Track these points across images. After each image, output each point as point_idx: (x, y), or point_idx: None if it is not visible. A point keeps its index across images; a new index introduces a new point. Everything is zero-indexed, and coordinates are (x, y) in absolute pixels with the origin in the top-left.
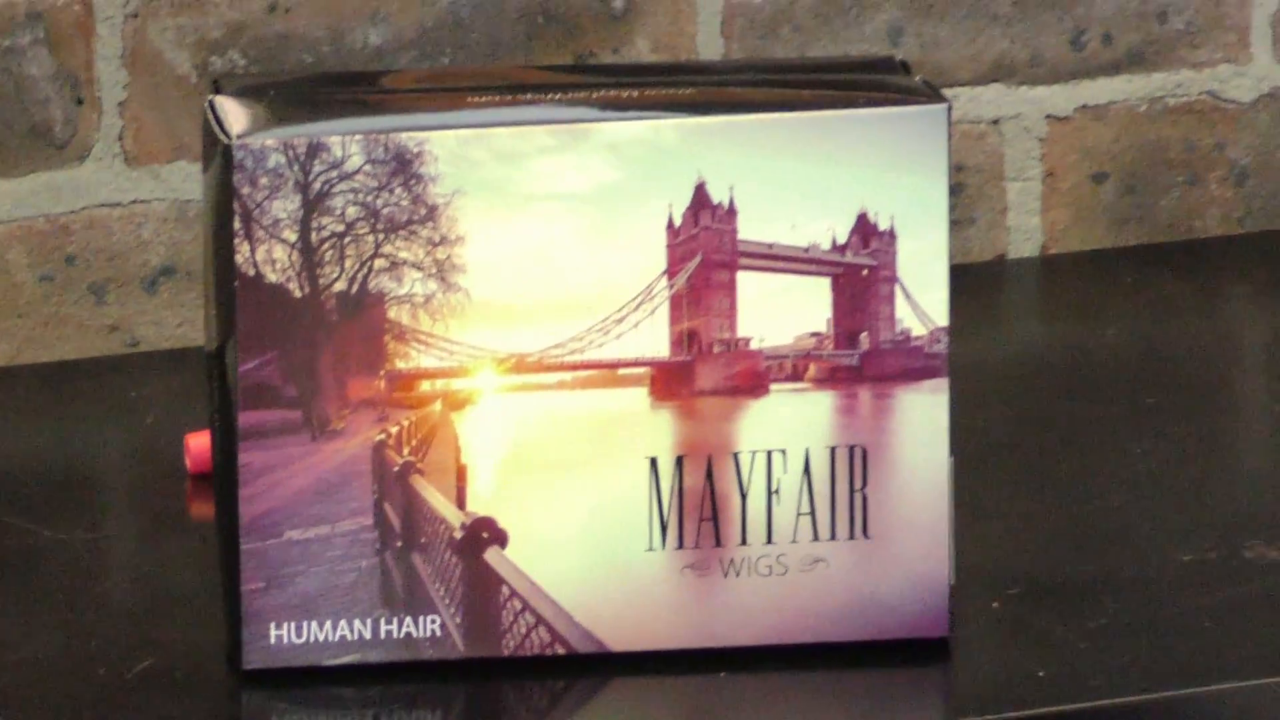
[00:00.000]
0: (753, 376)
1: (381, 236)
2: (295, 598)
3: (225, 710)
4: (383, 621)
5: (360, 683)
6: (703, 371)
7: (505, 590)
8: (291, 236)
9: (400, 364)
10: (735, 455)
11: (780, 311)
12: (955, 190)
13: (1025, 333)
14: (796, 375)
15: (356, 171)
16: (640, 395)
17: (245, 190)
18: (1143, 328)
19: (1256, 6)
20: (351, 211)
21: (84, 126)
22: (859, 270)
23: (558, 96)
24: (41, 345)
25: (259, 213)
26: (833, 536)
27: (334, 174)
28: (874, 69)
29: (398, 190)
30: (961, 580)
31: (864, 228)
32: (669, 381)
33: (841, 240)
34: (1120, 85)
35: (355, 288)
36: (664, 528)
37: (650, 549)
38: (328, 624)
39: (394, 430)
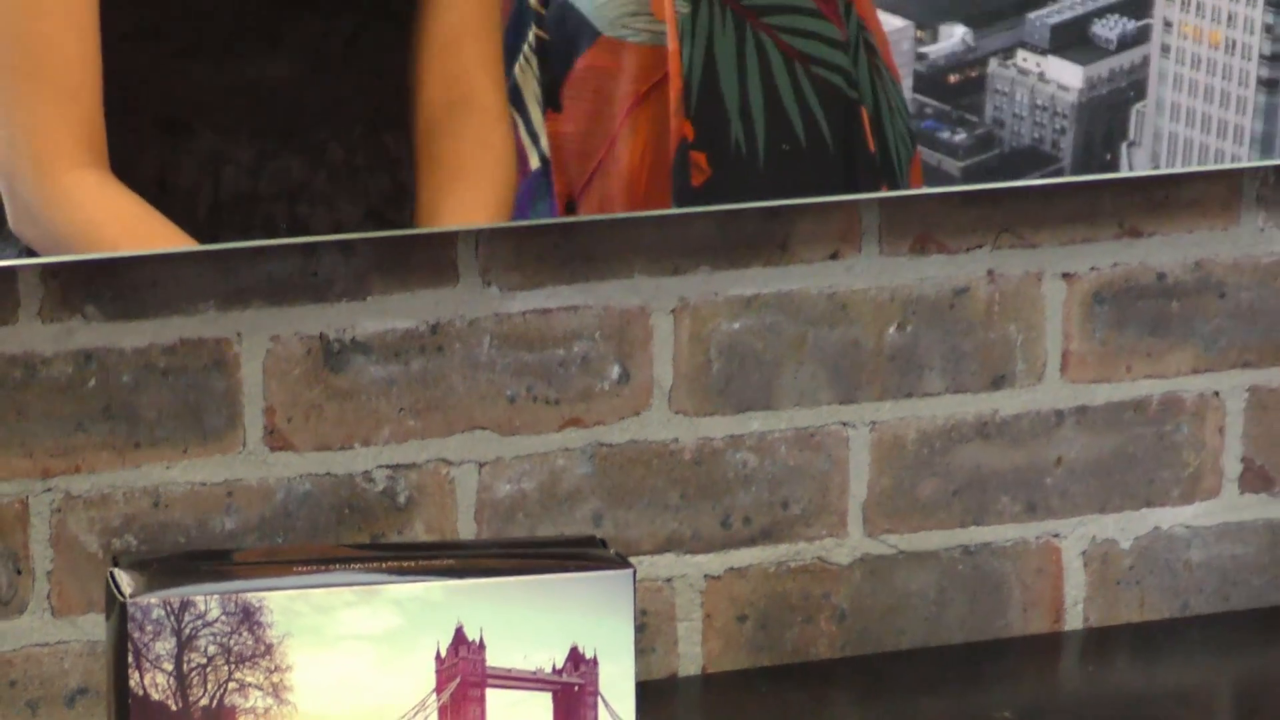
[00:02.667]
0: None
1: (233, 666)
2: None
3: None
4: None
5: None
6: None
7: None
8: (169, 667)
9: None
10: None
11: (517, 718)
12: (640, 628)
13: None
14: None
15: (215, 620)
16: None
17: (136, 635)
18: None
19: (851, 496)
20: (212, 649)
21: (22, 589)
22: (572, 688)
23: (358, 566)
24: None
25: (146, 650)
26: None
27: (199, 622)
28: (581, 544)
29: (244, 633)
30: None
31: (575, 657)
32: None
33: (559, 666)
34: (756, 553)
35: (215, 703)
36: None
37: None
38: None
39: None
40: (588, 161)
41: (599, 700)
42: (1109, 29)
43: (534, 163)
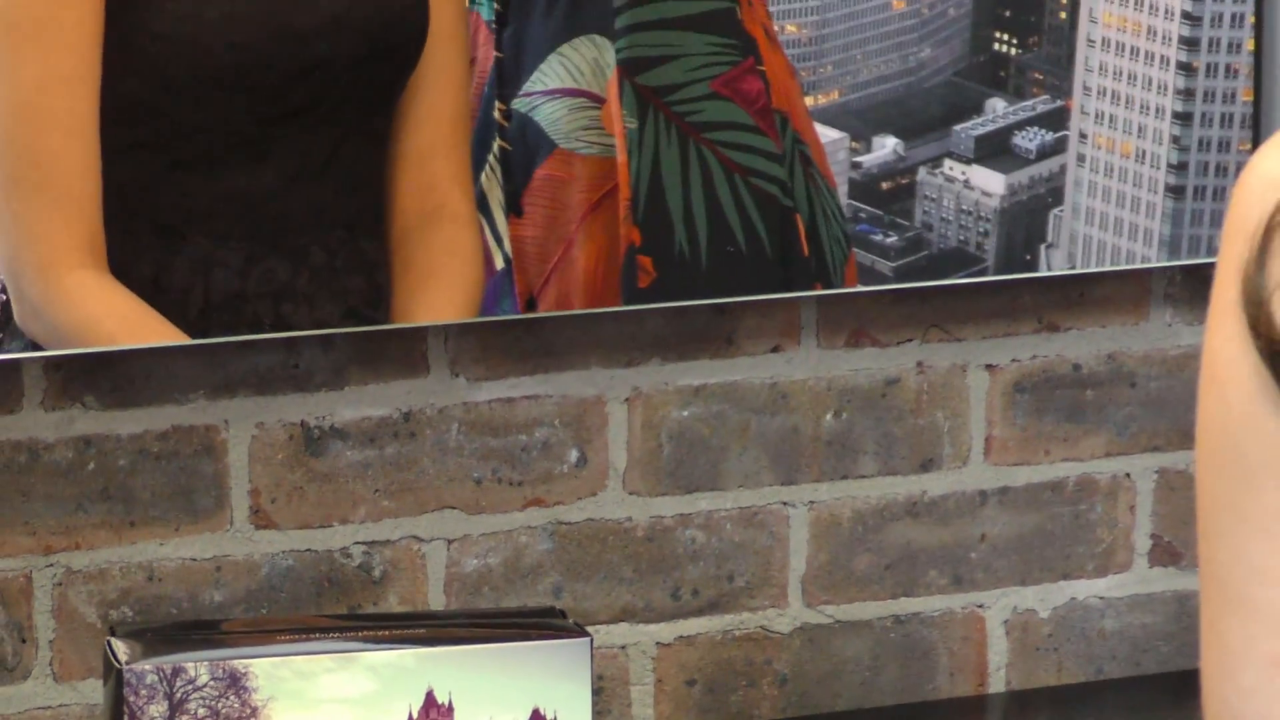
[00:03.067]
0: None
1: None
2: None
3: None
4: None
5: None
6: None
7: None
8: None
9: None
10: None
11: None
12: (597, 692)
13: None
14: None
15: (205, 685)
16: None
17: (131, 699)
18: None
19: (791, 570)
20: (201, 712)
21: (26, 656)
22: None
23: (336, 635)
24: None
25: (140, 713)
26: None
27: (190, 687)
28: (543, 615)
29: (231, 697)
30: None
31: (537, 719)
32: None
33: None
34: (704, 622)
35: None
36: None
37: None
38: None
39: None
40: (546, 263)
41: None
42: (1029, 140)
43: (499, 263)
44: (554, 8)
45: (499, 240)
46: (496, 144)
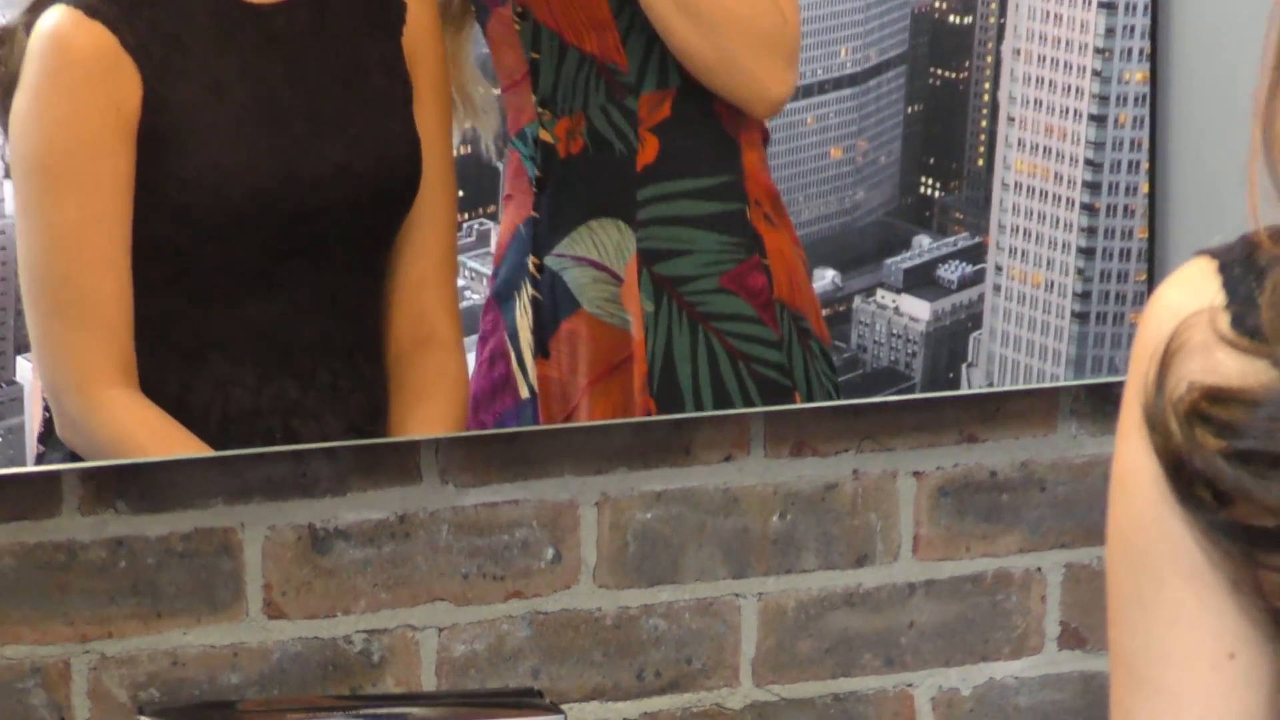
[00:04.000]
0: None
1: None
2: None
3: None
4: None
5: None
6: None
7: None
8: None
9: None
10: None
11: None
12: None
13: None
14: None
15: None
16: None
17: None
18: None
19: (743, 654)
20: None
21: None
22: None
23: (340, 713)
24: None
25: None
26: None
27: None
28: (522, 694)
29: None
30: None
31: None
32: None
33: None
34: (665, 700)
35: None
36: None
37: None
38: None
39: None
40: (565, 405)
41: None
42: (951, 272)
43: (524, 392)
44: (585, 187)
45: (525, 373)
46: (529, 292)
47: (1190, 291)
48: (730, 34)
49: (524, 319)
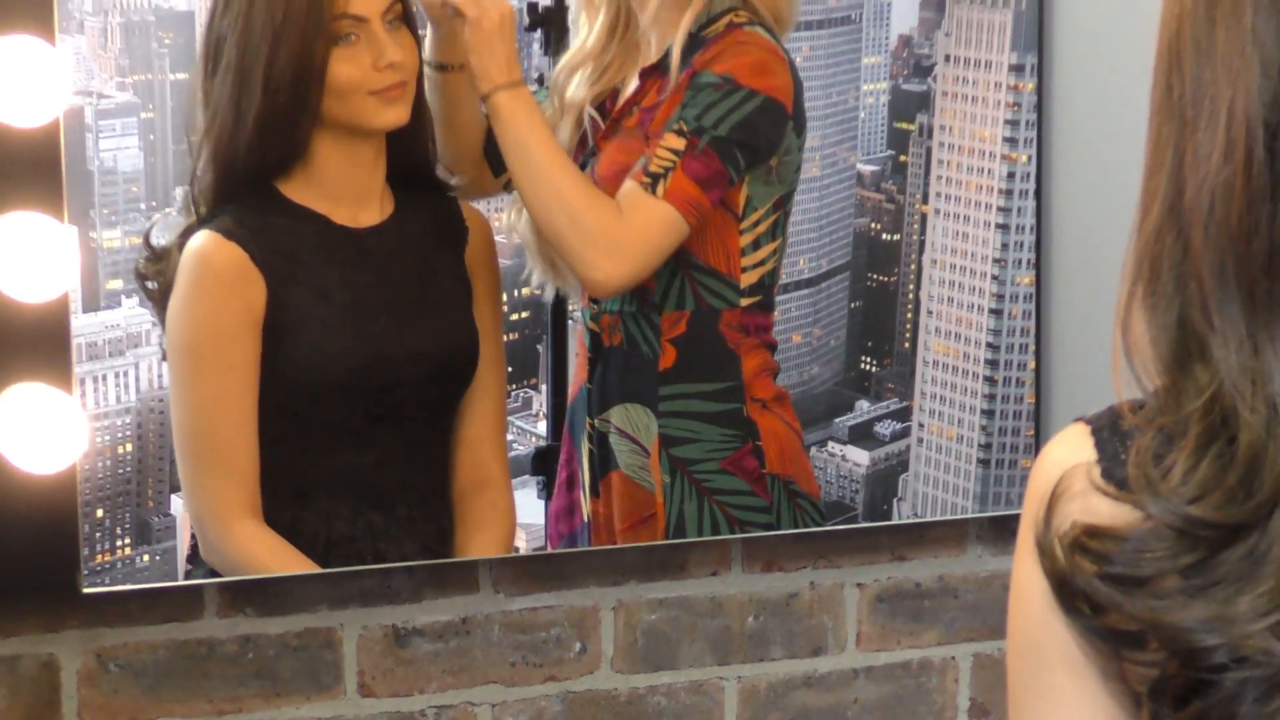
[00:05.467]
0: None
1: None
2: None
3: None
4: None
5: None
6: None
7: None
8: None
9: None
10: None
11: None
12: None
13: None
14: None
15: None
16: None
17: None
18: None
19: None
20: None
21: None
22: None
23: None
24: None
25: None
26: None
27: None
28: None
29: None
30: None
31: None
32: None
33: None
34: None
35: None
36: None
37: None
38: None
39: None
40: (610, 539)
41: None
42: (885, 428)
43: (584, 517)
44: (622, 375)
45: (585, 500)
46: (586, 445)
47: (1070, 449)
48: (557, 213)
49: (585, 462)
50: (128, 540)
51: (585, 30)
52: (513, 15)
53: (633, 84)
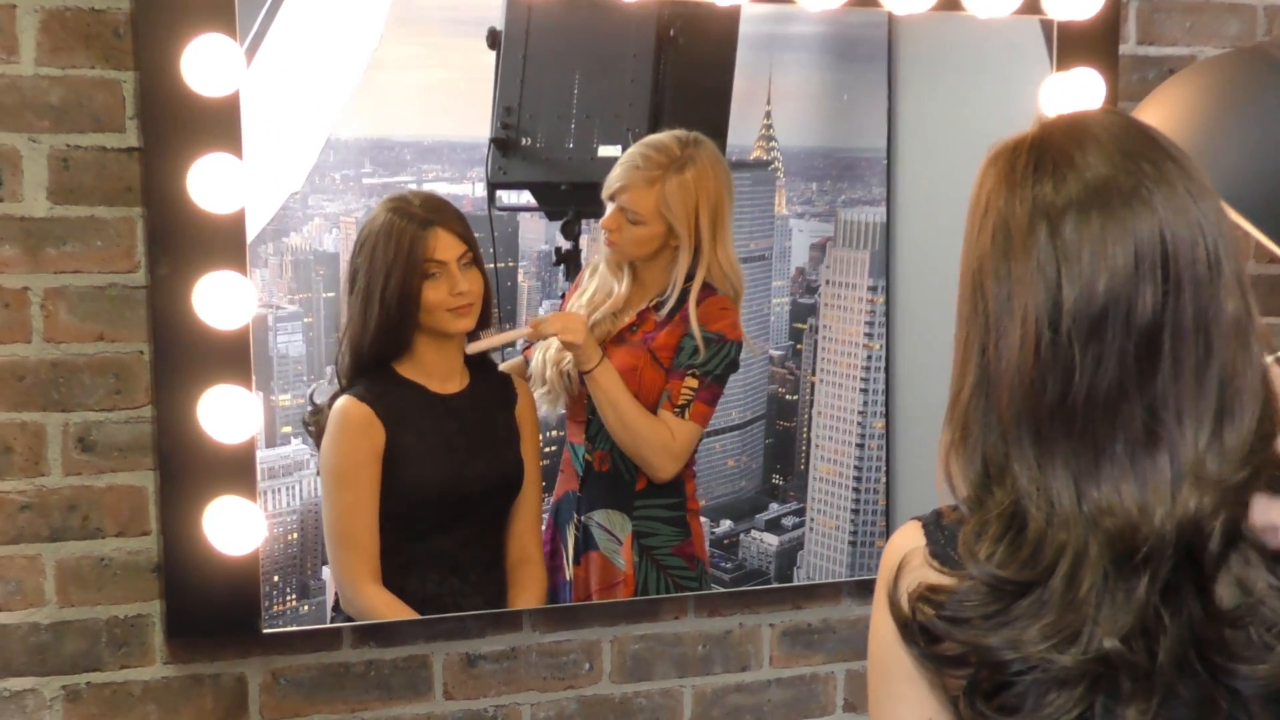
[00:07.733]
0: None
1: None
2: None
3: None
4: None
5: None
6: None
7: None
8: None
9: None
10: None
11: None
12: None
13: None
14: None
15: None
16: None
17: None
18: None
19: (684, 717)
20: None
21: None
22: None
23: None
24: None
25: None
26: None
27: None
28: None
29: None
30: None
31: None
32: None
33: None
34: None
35: None
36: None
37: None
38: None
39: None
40: (587, 596)
41: None
42: (789, 521)
43: (567, 577)
44: (606, 491)
45: (568, 567)
46: (572, 532)
47: (908, 538)
48: (637, 438)
49: (570, 542)
50: (293, 596)
51: (611, 281)
52: (584, 322)
53: (627, 316)
